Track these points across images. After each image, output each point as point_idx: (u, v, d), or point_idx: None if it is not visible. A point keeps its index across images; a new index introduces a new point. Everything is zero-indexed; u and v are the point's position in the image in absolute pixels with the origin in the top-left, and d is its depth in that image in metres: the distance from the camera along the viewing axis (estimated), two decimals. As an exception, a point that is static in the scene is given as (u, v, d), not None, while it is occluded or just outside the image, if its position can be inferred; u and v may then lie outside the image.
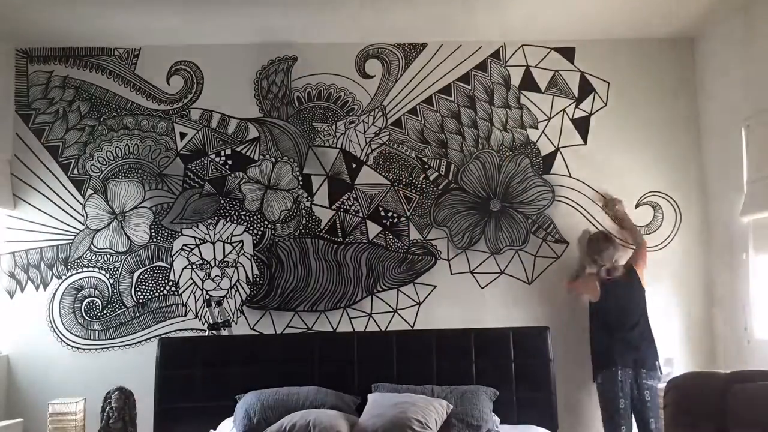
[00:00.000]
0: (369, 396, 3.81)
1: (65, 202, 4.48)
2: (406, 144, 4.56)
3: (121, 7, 4.02)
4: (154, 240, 4.46)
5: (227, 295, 4.45)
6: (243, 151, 4.53)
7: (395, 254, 4.49)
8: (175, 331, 4.41)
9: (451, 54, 4.60)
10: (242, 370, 4.11)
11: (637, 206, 4.54)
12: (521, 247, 4.50)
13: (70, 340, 4.39)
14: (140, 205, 4.48)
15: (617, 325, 4.06)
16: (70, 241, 4.46)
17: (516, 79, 4.61)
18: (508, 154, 4.57)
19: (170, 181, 4.50)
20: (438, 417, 3.53)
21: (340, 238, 4.49)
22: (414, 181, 4.54)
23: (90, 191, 4.49)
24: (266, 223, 4.49)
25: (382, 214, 4.51)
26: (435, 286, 4.47)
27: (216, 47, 4.55)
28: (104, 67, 4.56)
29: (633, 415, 3.99)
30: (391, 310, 4.47)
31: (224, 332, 4.41)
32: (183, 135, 4.54)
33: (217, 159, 4.52)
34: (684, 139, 4.58)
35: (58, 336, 4.39)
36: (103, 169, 4.51)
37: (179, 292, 4.45)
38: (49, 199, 4.47)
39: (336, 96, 4.58)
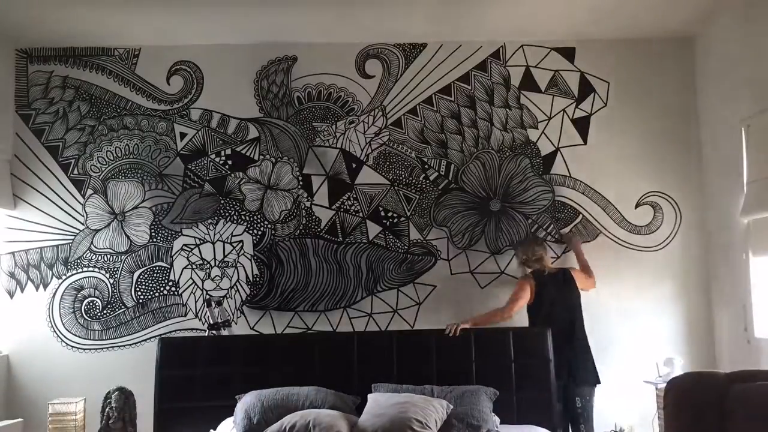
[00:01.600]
0: (369, 396, 3.81)
1: (65, 202, 4.48)
2: (406, 144, 4.56)
3: (121, 7, 4.02)
4: (154, 240, 4.46)
5: (227, 295, 4.45)
6: (243, 151, 4.53)
7: (395, 254, 4.49)
8: (175, 331, 4.41)
9: (451, 54, 4.60)
10: (242, 370, 4.10)
11: (637, 206, 4.54)
12: (521, 247, 4.50)
13: (70, 340, 4.39)
14: (140, 205, 4.48)
15: (551, 326, 4.06)
16: (70, 241, 4.46)
17: (516, 79, 4.61)
18: (508, 154, 4.57)
19: (170, 181, 4.50)
20: (438, 417, 3.52)
21: (340, 238, 4.49)
22: (414, 181, 4.54)
23: (90, 191, 4.49)
24: (266, 223, 4.49)
25: (382, 214, 4.51)
26: (435, 286, 4.47)
27: (216, 47, 4.55)
28: (104, 67, 4.56)
29: (566, 421, 4.06)
30: (391, 310, 4.47)
31: (224, 332, 4.42)
32: (183, 135, 4.54)
33: (217, 159, 4.52)
34: (684, 139, 4.58)
35: (58, 336, 4.39)
36: (103, 169, 4.51)
37: (179, 292, 4.45)
38: (49, 199, 4.48)
39: (336, 96, 4.58)
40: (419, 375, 4.05)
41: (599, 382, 4.06)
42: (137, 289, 4.44)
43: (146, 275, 4.44)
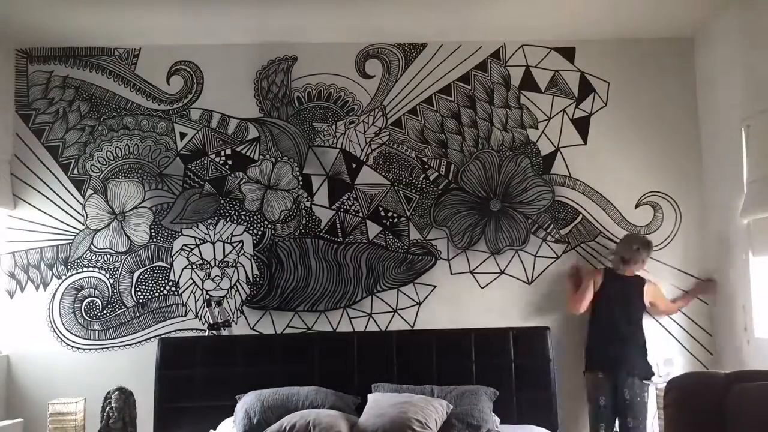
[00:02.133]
0: (369, 396, 3.81)
1: (65, 202, 4.48)
2: (406, 144, 4.56)
3: (121, 7, 4.02)
4: (154, 240, 4.46)
5: (227, 295, 4.45)
6: (243, 151, 4.53)
7: (395, 254, 4.49)
8: (175, 331, 4.40)
9: (451, 54, 4.60)
10: (242, 370, 4.11)
11: (637, 206, 4.54)
12: (521, 247, 4.50)
13: (70, 340, 4.39)
14: (140, 205, 4.48)
15: (608, 322, 4.09)
16: (70, 241, 4.46)
17: (516, 79, 4.61)
18: (508, 154, 4.57)
19: (170, 181, 4.50)
20: (438, 417, 3.53)
21: (340, 238, 4.49)
22: (414, 181, 4.54)
23: (90, 191, 4.49)
24: (266, 223, 4.49)
25: (382, 214, 4.51)
26: (435, 286, 4.47)
27: (216, 47, 4.55)
28: (104, 67, 4.56)
29: (615, 414, 4.01)
30: (391, 310, 4.47)
31: (224, 332, 4.42)
32: (183, 135, 4.53)
33: (217, 159, 4.52)
34: (684, 139, 4.58)
35: (58, 336, 4.39)
36: (103, 169, 4.51)
37: (179, 292, 4.45)
38: (49, 199, 4.47)
39: (336, 96, 4.57)
40: (419, 375, 4.06)
41: (652, 374, 4.07)
42: (137, 289, 4.43)
43: (146, 275, 4.44)
